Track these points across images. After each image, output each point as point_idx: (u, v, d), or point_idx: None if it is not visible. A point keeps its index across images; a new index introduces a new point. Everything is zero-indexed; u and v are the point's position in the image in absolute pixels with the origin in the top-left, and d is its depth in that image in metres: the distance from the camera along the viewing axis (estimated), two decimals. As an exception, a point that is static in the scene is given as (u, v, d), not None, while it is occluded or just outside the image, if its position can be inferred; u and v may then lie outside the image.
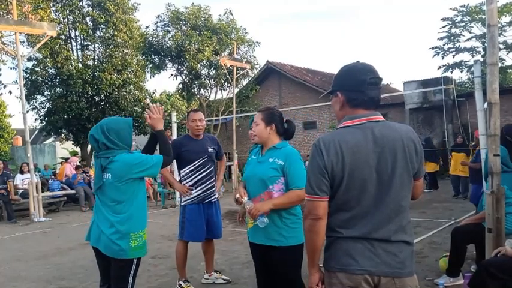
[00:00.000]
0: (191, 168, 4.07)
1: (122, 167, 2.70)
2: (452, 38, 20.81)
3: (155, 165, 2.79)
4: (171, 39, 19.17)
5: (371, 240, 1.71)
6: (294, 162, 2.68)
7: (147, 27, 20.29)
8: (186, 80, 20.11)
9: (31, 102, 17.31)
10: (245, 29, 20.11)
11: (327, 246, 1.82)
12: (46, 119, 17.52)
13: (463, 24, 20.33)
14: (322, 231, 1.77)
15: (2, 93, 17.33)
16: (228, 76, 18.06)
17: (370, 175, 1.72)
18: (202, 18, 19.30)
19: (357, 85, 1.79)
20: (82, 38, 17.46)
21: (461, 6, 19.76)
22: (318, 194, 1.74)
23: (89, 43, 17.68)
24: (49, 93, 17.29)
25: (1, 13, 14.32)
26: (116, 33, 16.96)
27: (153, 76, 19.87)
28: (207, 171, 4.10)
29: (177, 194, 8.52)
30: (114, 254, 2.72)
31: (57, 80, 16.88)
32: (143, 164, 2.75)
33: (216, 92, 20.69)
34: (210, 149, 4.15)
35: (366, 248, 1.71)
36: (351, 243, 1.73)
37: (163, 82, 69.41)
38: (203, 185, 4.08)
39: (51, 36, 11.96)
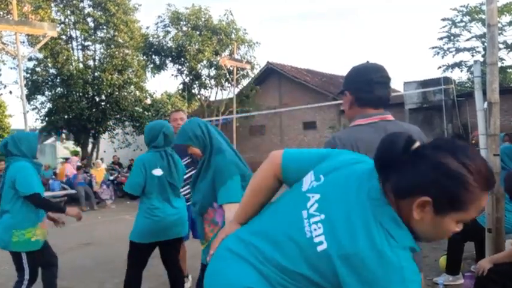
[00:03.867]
0: None
1: None
2: (452, 37, 20.80)
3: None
4: (171, 39, 19.19)
5: None
6: None
7: (147, 27, 20.36)
8: (186, 80, 20.12)
9: (32, 103, 17.30)
10: (245, 29, 20.13)
11: None
12: (47, 119, 17.51)
13: (463, 24, 20.32)
14: None
15: (2, 94, 17.37)
16: (228, 76, 18.08)
17: None
18: (203, 19, 19.31)
19: (364, 84, 1.80)
20: (83, 38, 17.45)
21: (461, 6, 19.77)
22: None
23: (90, 43, 17.67)
24: (50, 93, 17.28)
25: (1, 13, 14.33)
26: (116, 33, 16.96)
27: (154, 76, 19.95)
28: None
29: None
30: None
31: (58, 80, 16.87)
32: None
33: (216, 92, 20.71)
34: None
35: None
36: None
37: (164, 82, 69.33)
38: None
39: (52, 37, 11.96)
